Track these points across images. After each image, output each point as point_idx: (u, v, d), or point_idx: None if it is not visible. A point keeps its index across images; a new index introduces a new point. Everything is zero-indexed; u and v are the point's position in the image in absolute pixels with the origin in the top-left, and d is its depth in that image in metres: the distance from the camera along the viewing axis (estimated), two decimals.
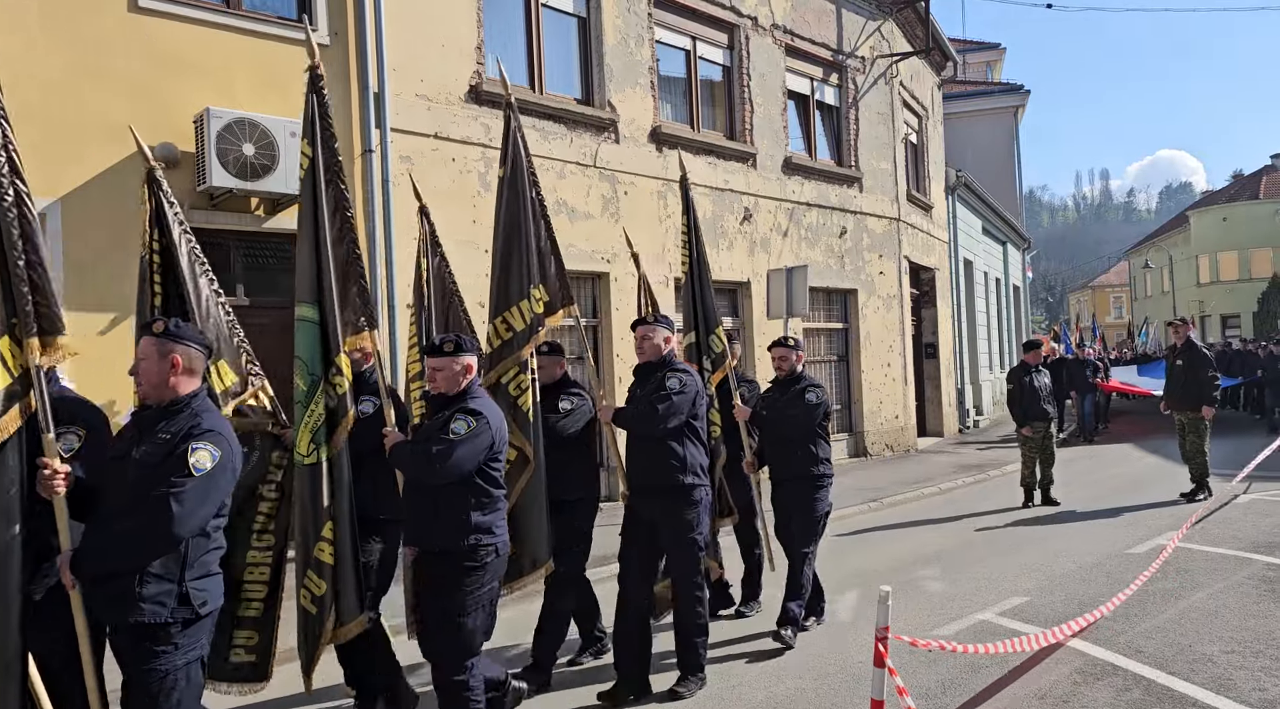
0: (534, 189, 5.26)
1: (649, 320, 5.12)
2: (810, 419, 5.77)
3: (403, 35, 9.02)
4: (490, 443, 3.91)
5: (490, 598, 3.99)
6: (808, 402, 5.76)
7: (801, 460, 5.78)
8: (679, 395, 4.81)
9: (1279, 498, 10.04)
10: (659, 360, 5.02)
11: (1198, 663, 4.93)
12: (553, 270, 5.28)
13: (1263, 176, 50.58)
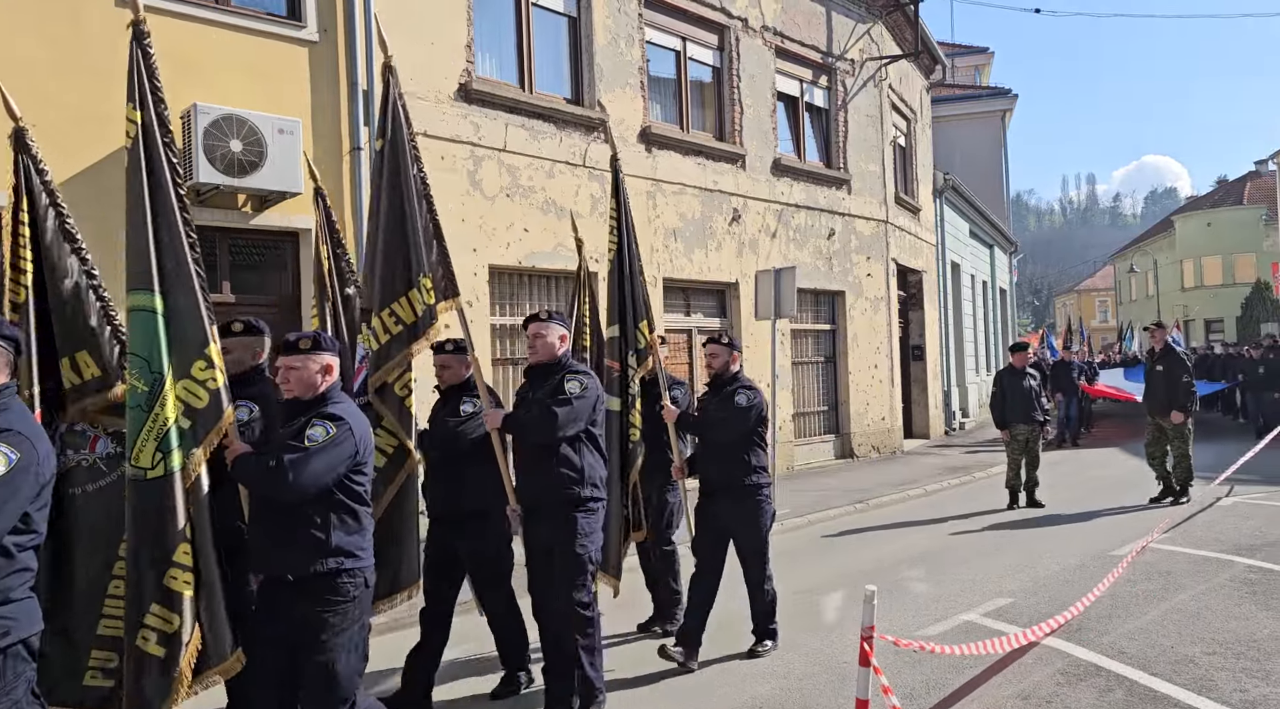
0: (416, 165, 4.73)
1: (541, 317, 4.71)
2: (741, 424, 5.31)
3: (392, 33, 8.88)
4: (353, 452, 3.42)
5: (362, 636, 3.50)
6: (737, 405, 5.29)
7: (733, 469, 5.33)
8: (579, 400, 4.43)
9: (1261, 501, 10.12)
10: (555, 361, 4.62)
11: (1180, 664, 4.96)
12: (435, 257, 4.73)
13: (1246, 182, 51.04)
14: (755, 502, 5.37)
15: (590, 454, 4.58)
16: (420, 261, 4.58)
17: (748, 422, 5.32)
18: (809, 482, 12.65)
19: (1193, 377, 10.42)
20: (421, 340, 4.54)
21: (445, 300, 4.71)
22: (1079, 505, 10.28)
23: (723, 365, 5.51)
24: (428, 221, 4.72)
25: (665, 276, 11.90)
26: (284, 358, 3.56)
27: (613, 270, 5.81)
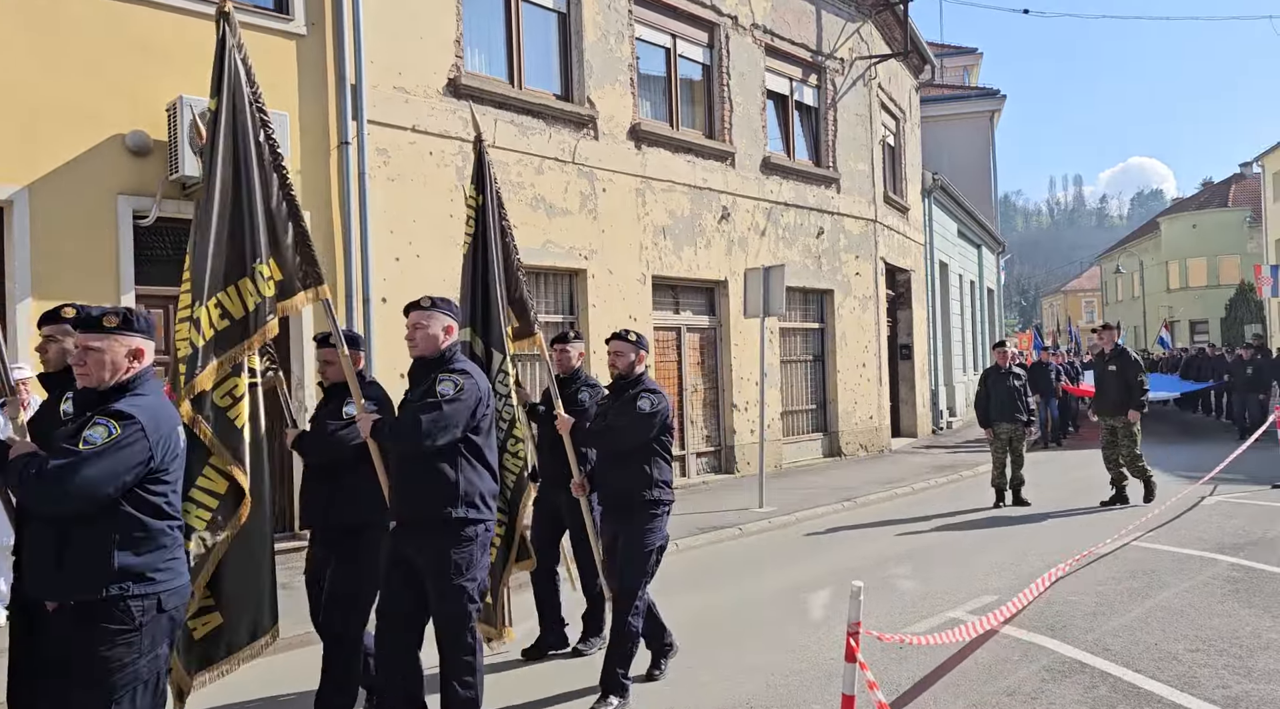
0: (262, 130, 4.13)
1: (423, 304, 4.08)
2: (642, 432, 4.68)
3: (381, 27, 8.95)
4: (145, 458, 2.86)
5: (155, 670, 2.94)
6: (639, 410, 4.66)
7: (630, 481, 4.70)
8: (452, 404, 3.84)
9: (1244, 500, 10.19)
10: (436, 357, 4.05)
11: (1163, 661, 4.99)
12: (290, 240, 4.17)
13: (1231, 185, 51.40)
14: (645, 517, 4.68)
15: (470, 467, 3.96)
16: (258, 246, 4.01)
17: (649, 429, 4.69)
18: (797, 480, 12.67)
19: (1146, 376, 10.36)
20: (255, 338, 3.98)
21: (305, 291, 4.21)
22: (1063, 504, 10.34)
23: (627, 365, 4.90)
24: (280, 199, 4.14)
25: (654, 274, 11.89)
26: (82, 335, 3.01)
27: (466, 266, 5.17)
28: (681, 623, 6.11)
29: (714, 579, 7.47)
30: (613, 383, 4.99)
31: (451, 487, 3.89)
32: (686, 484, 12.25)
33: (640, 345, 4.96)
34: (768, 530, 9.45)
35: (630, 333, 5.01)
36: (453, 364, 4.04)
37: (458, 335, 4.19)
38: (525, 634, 5.47)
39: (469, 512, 3.92)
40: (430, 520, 3.90)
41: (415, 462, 3.91)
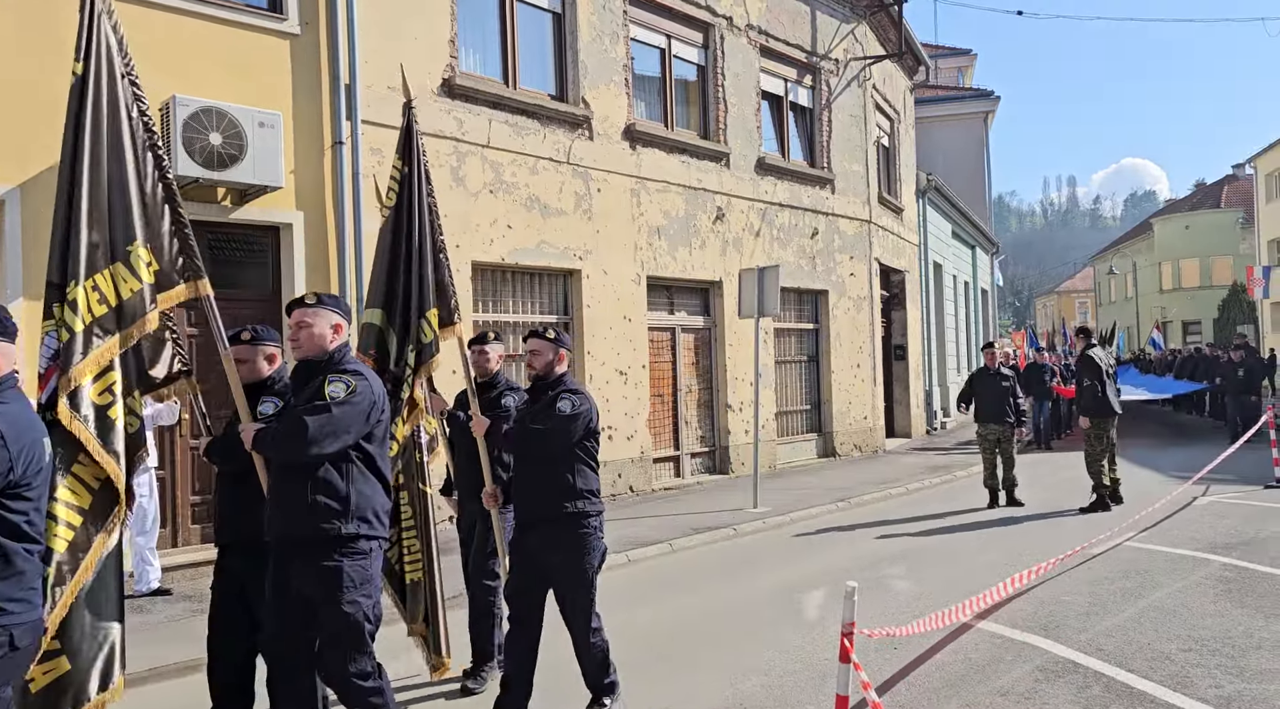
0: (136, 106, 3.81)
1: (308, 301, 3.74)
2: (563, 437, 4.25)
3: (375, 27, 8.94)
4: (5, 470, 2.51)
5: None
6: (559, 413, 4.23)
7: (553, 493, 4.27)
8: (343, 407, 3.48)
9: (1237, 500, 10.23)
10: (324, 358, 3.68)
11: (1156, 661, 5.01)
12: (166, 227, 3.85)
13: (1224, 186, 51.62)
14: (578, 534, 4.29)
15: (362, 478, 3.60)
16: (131, 228, 3.70)
17: (571, 434, 4.26)
18: (791, 480, 12.68)
19: (1098, 383, 10.12)
20: (133, 329, 3.64)
21: (184, 284, 3.90)
22: (1057, 504, 10.35)
23: (545, 365, 4.45)
24: (155, 182, 3.84)
25: (649, 275, 11.90)
26: None
27: (382, 239, 4.75)
28: (676, 623, 6.14)
29: (708, 580, 7.47)
30: (531, 384, 4.55)
31: (343, 500, 3.52)
32: (681, 485, 12.26)
33: (560, 344, 4.52)
34: (762, 531, 9.45)
35: (549, 330, 4.57)
36: (343, 365, 3.67)
37: (347, 335, 3.79)
38: None
39: (360, 527, 3.54)
40: (316, 537, 3.50)
41: (299, 471, 3.52)
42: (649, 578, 7.59)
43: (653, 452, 11.93)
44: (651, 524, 9.48)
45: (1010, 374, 10.82)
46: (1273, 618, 5.70)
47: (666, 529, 9.19)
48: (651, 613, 6.44)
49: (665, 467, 12.41)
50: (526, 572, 4.36)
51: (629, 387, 11.47)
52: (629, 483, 11.41)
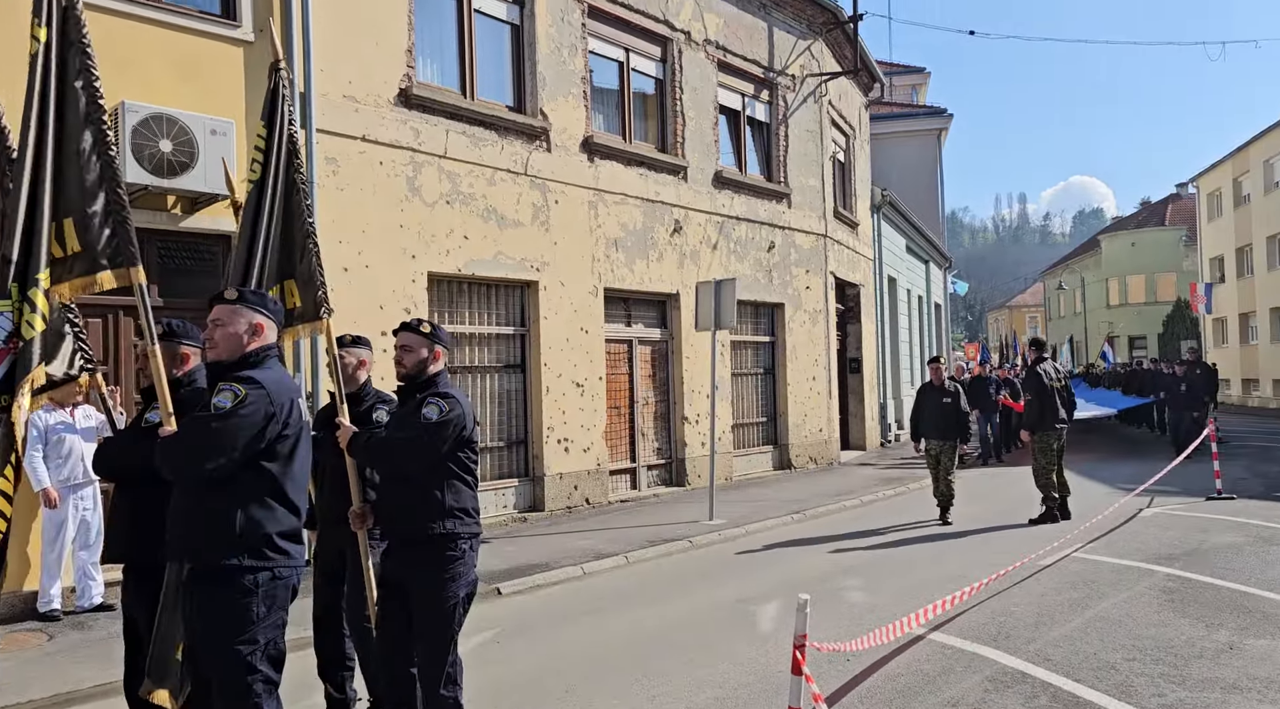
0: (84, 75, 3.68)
1: (228, 297, 3.39)
2: (429, 447, 3.71)
3: (331, 35, 8.86)
4: None
5: None
6: (424, 420, 3.71)
7: (418, 511, 3.75)
8: (227, 420, 3.11)
9: (1180, 512, 10.47)
10: (235, 360, 3.32)
11: (1102, 670, 5.10)
12: (100, 207, 3.67)
13: (1168, 205, 53.10)
14: (443, 556, 3.73)
15: (256, 504, 3.19)
16: (57, 204, 3.59)
17: (439, 443, 3.72)
18: (747, 492, 12.74)
19: (1041, 397, 10.27)
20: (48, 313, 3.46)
21: (112, 270, 3.69)
22: (1007, 518, 10.51)
23: (417, 364, 3.92)
24: (92, 158, 3.66)
25: (607, 286, 11.90)
26: None
27: (244, 219, 4.30)
28: (631, 636, 6.12)
29: (663, 592, 7.46)
30: (400, 386, 4.00)
31: (227, 525, 3.12)
32: (638, 497, 12.24)
33: (436, 339, 3.96)
34: (718, 543, 9.47)
35: (424, 323, 3.98)
36: (245, 370, 3.27)
37: (272, 337, 3.42)
38: None
39: (245, 558, 3.13)
40: (201, 568, 3.16)
41: (188, 493, 3.19)
42: (604, 590, 7.57)
43: (609, 464, 11.90)
44: (607, 536, 9.45)
45: (954, 390, 10.62)
46: (1214, 627, 5.84)
47: (622, 541, 9.17)
48: (606, 626, 6.42)
49: (621, 479, 12.39)
50: (393, 599, 3.84)
51: (586, 398, 11.45)
52: (585, 495, 11.37)
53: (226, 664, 3.11)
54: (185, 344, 4.02)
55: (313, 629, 4.62)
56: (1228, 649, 5.39)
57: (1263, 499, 11.30)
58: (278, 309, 3.59)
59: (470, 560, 3.81)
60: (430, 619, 3.72)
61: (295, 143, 4.45)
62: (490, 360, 10.71)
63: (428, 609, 3.73)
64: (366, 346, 4.75)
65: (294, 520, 3.28)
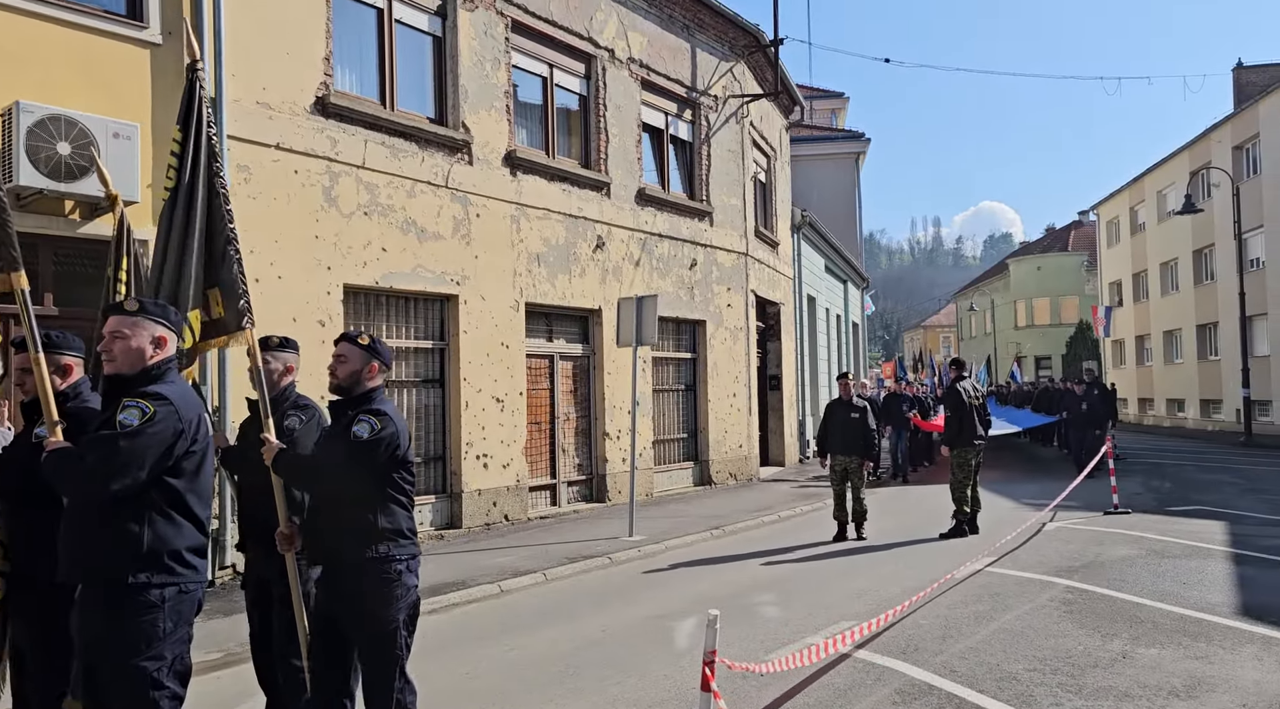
0: None
1: (128, 309, 3.28)
2: (358, 467, 3.57)
3: (244, 40, 8.64)
4: None
5: None
6: (355, 438, 3.56)
7: (351, 535, 3.60)
8: (134, 438, 3.01)
9: (1080, 526, 10.88)
10: (135, 374, 3.20)
11: (1004, 681, 5.24)
12: None
13: (1071, 231, 55.55)
14: (380, 579, 3.59)
15: (161, 518, 3.11)
16: None
17: (369, 463, 3.57)
18: (667, 508, 12.77)
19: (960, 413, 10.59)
20: None
21: None
22: (918, 532, 10.77)
23: (350, 376, 3.75)
24: None
25: (528, 301, 11.83)
26: None
27: (161, 227, 4.03)
28: (547, 654, 6.05)
29: (581, 609, 7.41)
30: (333, 400, 3.81)
31: (133, 542, 3.04)
32: (558, 513, 12.16)
33: (375, 354, 3.79)
34: (636, 559, 9.46)
35: (363, 334, 3.84)
36: (150, 386, 3.16)
37: (173, 348, 3.33)
38: None
39: (152, 575, 3.06)
40: (103, 585, 3.07)
41: (88, 509, 3.08)
42: (521, 608, 7.48)
43: (529, 480, 11.80)
44: (525, 553, 9.36)
45: (862, 406, 10.63)
46: (1109, 637, 6.07)
47: (540, 558, 9.09)
48: (522, 644, 6.34)
49: (541, 495, 12.30)
50: (325, 630, 3.69)
51: (506, 414, 11.34)
52: (504, 512, 11.25)
53: (132, 682, 3.01)
54: (67, 355, 3.82)
55: (250, 645, 4.45)
56: (1121, 658, 5.61)
57: (1156, 513, 11.83)
58: (178, 320, 3.52)
59: (408, 582, 3.66)
60: (372, 647, 3.61)
61: (215, 146, 4.30)
62: (408, 375, 10.53)
63: (368, 636, 3.61)
64: (294, 350, 4.52)
65: (200, 536, 3.22)
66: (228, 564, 8.12)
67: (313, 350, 8.95)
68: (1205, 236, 31.15)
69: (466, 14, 11.02)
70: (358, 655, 3.66)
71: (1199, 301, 31.99)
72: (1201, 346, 32.13)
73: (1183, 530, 10.35)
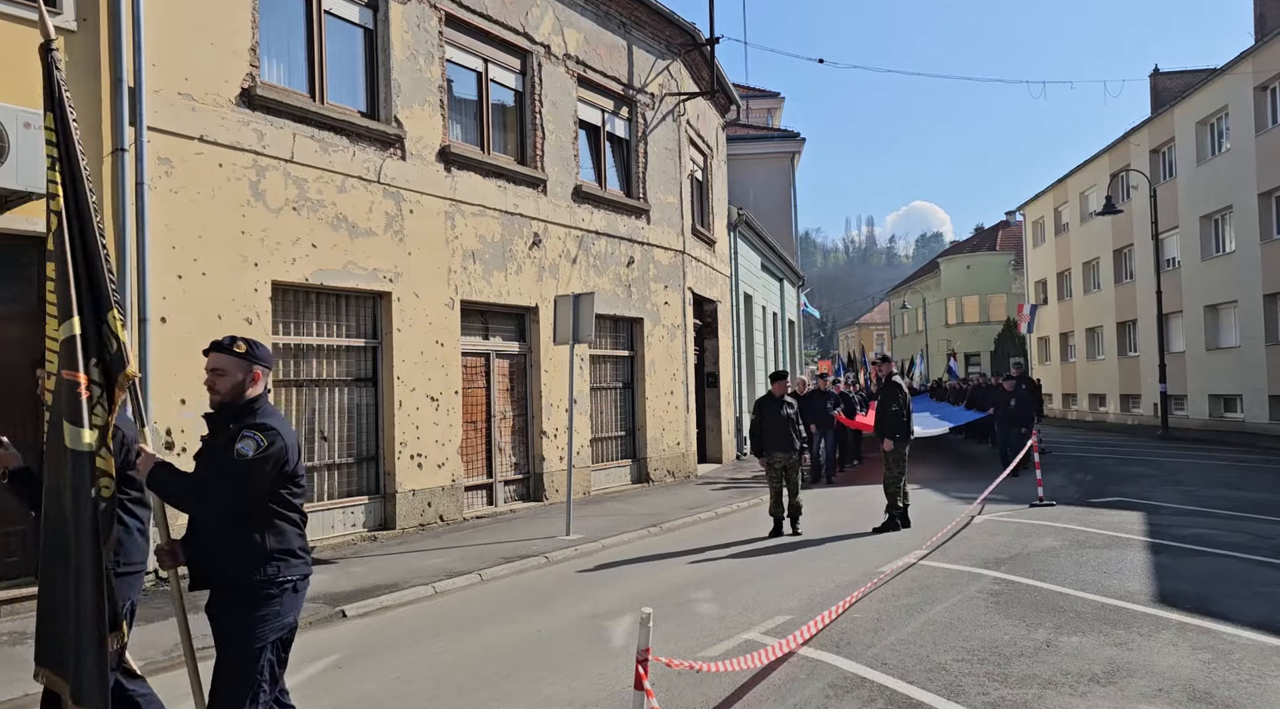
0: None
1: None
2: (242, 487, 3.27)
3: (165, 28, 8.36)
4: None
5: None
6: (238, 456, 3.25)
7: (232, 558, 3.32)
8: None
9: (1006, 518, 11.16)
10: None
11: (934, 672, 5.34)
12: None
13: (999, 231, 57.07)
14: (260, 597, 3.33)
15: None
16: None
17: (256, 482, 3.29)
18: (605, 506, 12.74)
19: (903, 407, 10.84)
20: None
21: None
22: (851, 527, 10.93)
23: (232, 389, 3.44)
24: None
25: (464, 299, 11.69)
26: None
27: (58, 227, 3.52)
28: (482, 656, 5.98)
29: (517, 609, 7.34)
30: (212, 413, 3.50)
31: None
32: (494, 513, 12.05)
33: (255, 359, 3.48)
34: (574, 558, 9.42)
35: (239, 341, 3.49)
36: None
37: None
38: None
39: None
40: None
41: None
42: (456, 610, 7.38)
43: (464, 479, 11.67)
44: (461, 554, 9.25)
45: (792, 403, 10.80)
46: (1034, 627, 6.23)
47: (476, 559, 8.99)
48: (455, 646, 6.25)
49: (478, 494, 12.17)
50: None
51: (441, 413, 11.19)
52: (439, 512, 11.10)
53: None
54: None
55: None
56: (1045, 647, 5.76)
57: (1078, 505, 12.20)
58: None
59: (290, 602, 3.39)
60: (230, 663, 3.29)
61: (73, 144, 3.70)
62: (339, 374, 10.32)
63: (230, 651, 3.31)
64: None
65: None
66: None
67: None
68: (1125, 237, 32.27)
69: (399, 6, 10.84)
70: (214, 671, 3.34)
71: (1119, 300, 33.14)
72: (1122, 343, 33.29)
73: (1104, 521, 10.69)
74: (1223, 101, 25.99)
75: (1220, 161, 26.32)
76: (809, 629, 5.61)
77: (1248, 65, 24.46)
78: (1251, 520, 10.65)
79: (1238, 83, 25.01)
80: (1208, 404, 27.24)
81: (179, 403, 8.23)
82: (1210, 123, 27.18)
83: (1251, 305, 24.74)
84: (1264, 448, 20.99)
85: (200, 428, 8.51)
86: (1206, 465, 17.59)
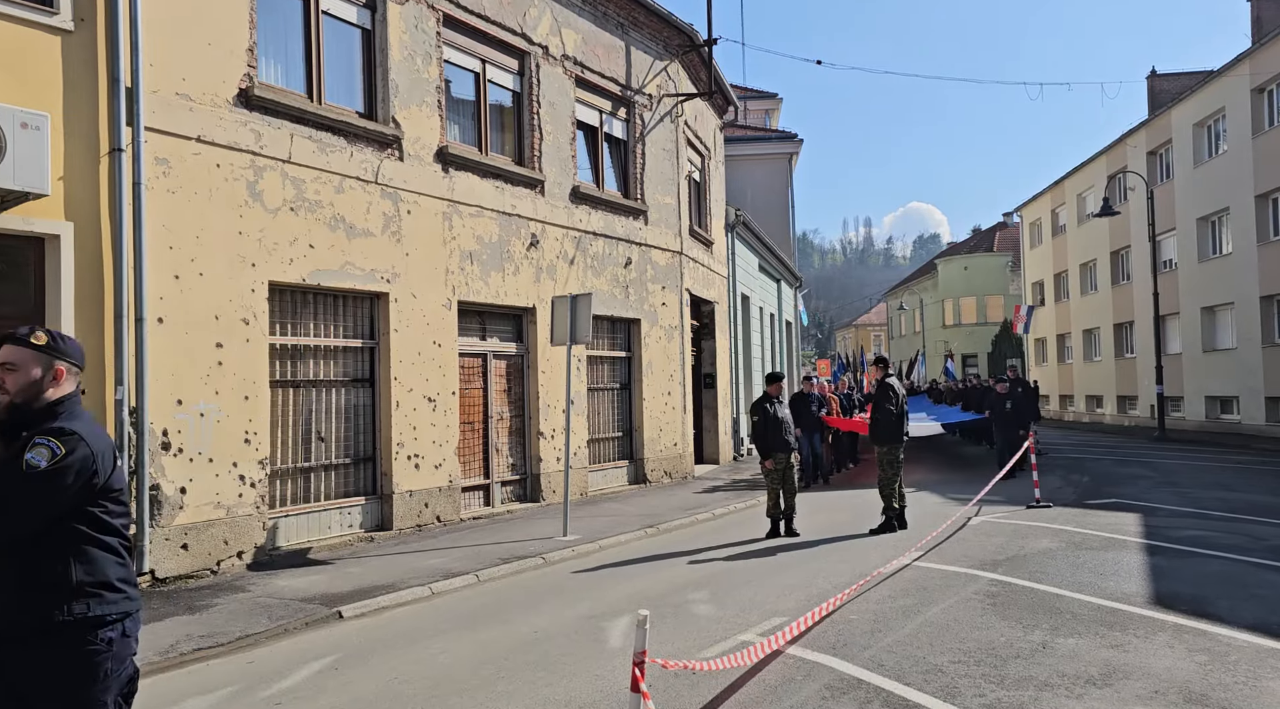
0: None
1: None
2: (33, 506, 2.62)
3: (163, 28, 8.35)
4: None
5: None
6: (28, 467, 2.60)
7: (28, 594, 2.65)
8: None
9: (1003, 520, 11.18)
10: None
11: (930, 673, 5.35)
12: None
13: (996, 232, 57.18)
14: (81, 653, 2.68)
15: None
16: None
17: (52, 499, 2.65)
18: (602, 507, 12.74)
19: (896, 409, 10.83)
20: None
21: None
22: (847, 529, 10.94)
23: (28, 389, 2.81)
24: None
25: (461, 299, 11.69)
26: None
27: None
28: (480, 657, 5.98)
29: (514, 610, 7.35)
30: (2, 418, 2.81)
31: None
32: (491, 513, 12.05)
33: (57, 354, 2.87)
34: (571, 559, 9.42)
35: (37, 331, 2.88)
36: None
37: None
38: None
39: None
40: None
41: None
42: (453, 611, 7.38)
43: (461, 480, 11.66)
44: (458, 555, 9.25)
45: (784, 403, 10.92)
46: (1030, 628, 6.24)
47: (473, 560, 8.99)
48: (453, 647, 6.25)
49: (475, 495, 12.17)
50: None
51: (438, 413, 11.19)
52: (436, 513, 11.10)
53: None
54: None
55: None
56: (1041, 648, 5.77)
57: (1075, 507, 12.22)
58: None
59: (121, 649, 2.76)
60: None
61: None
62: (336, 374, 10.31)
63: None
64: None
65: None
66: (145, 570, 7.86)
67: (237, 350, 8.72)
68: (1122, 238, 32.33)
69: (396, 7, 10.83)
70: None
71: (1116, 301, 33.19)
72: (1119, 345, 33.34)
73: (1101, 523, 10.71)
74: (1220, 103, 26.05)
75: (1217, 163, 26.38)
76: (801, 624, 5.62)
77: (1245, 67, 24.52)
78: (1248, 522, 10.68)
79: (1235, 85, 25.07)
80: (1204, 406, 27.29)
81: (176, 403, 8.22)
82: (1207, 124, 27.25)
83: (1248, 307, 24.80)
84: (1260, 449, 21.04)
85: (198, 427, 8.46)
86: (1203, 467, 17.63)
